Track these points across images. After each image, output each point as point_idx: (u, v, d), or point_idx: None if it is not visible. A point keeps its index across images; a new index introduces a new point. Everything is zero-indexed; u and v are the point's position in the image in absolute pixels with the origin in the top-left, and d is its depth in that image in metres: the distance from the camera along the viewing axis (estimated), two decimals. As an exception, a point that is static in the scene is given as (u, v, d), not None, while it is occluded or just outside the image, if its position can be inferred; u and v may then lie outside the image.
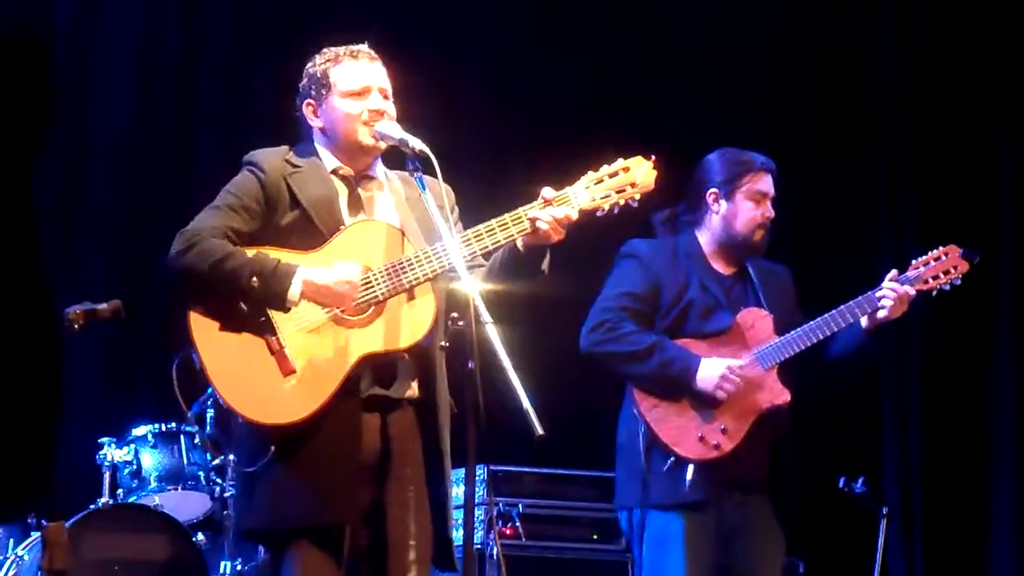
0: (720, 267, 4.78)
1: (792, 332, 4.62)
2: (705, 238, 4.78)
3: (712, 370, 4.54)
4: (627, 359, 4.61)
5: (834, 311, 4.62)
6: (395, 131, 3.79)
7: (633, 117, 7.06)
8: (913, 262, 4.69)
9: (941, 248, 4.69)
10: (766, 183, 4.74)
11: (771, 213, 4.73)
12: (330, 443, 3.64)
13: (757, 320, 4.68)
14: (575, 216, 3.72)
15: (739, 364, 4.56)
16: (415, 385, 3.81)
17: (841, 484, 5.64)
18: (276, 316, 3.68)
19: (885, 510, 5.67)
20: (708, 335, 4.65)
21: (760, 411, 4.58)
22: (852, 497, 5.66)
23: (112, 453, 5.83)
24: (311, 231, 3.76)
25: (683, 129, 6.77)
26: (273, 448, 3.65)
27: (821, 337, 4.61)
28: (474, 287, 3.47)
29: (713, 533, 4.56)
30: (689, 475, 4.52)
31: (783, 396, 4.61)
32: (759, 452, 4.60)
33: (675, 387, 4.58)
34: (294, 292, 3.63)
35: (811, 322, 4.62)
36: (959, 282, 4.68)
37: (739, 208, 4.73)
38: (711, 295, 4.69)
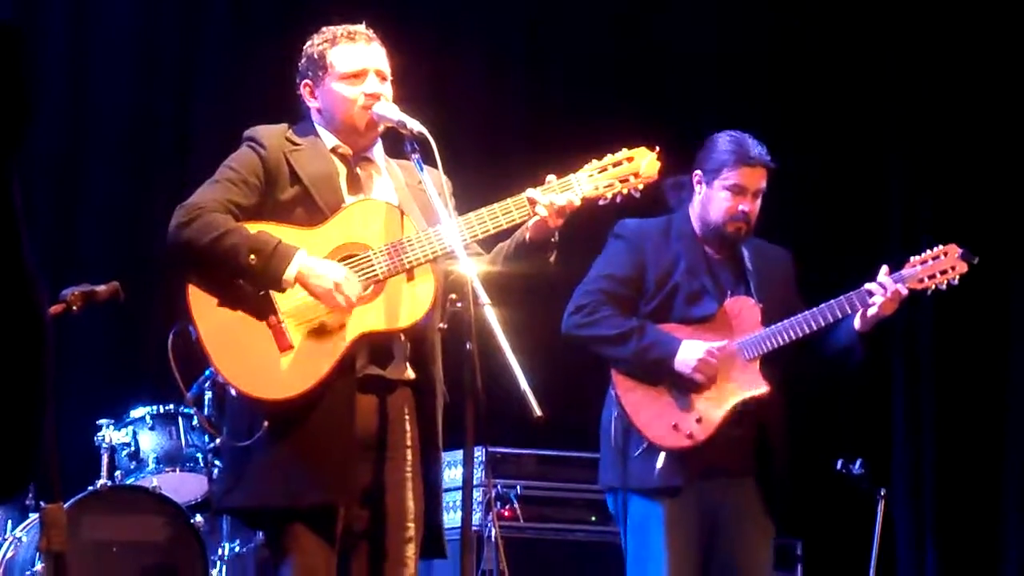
0: (711, 250, 4.68)
1: (776, 324, 4.52)
2: (693, 217, 4.70)
3: (691, 352, 4.47)
4: (605, 343, 4.56)
5: (822, 305, 4.51)
6: (393, 112, 3.77)
7: (633, 106, 7.04)
8: (911, 259, 4.58)
9: (940, 247, 4.57)
10: (748, 177, 4.57)
11: (748, 207, 4.58)
12: (325, 421, 3.62)
13: (744, 309, 4.60)
14: (577, 203, 3.70)
15: (719, 346, 4.49)
16: (411, 367, 3.78)
17: (839, 466, 5.62)
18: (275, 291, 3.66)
19: (883, 492, 5.66)
20: (693, 321, 4.58)
21: (736, 401, 4.50)
22: (849, 479, 5.65)
23: (110, 435, 5.82)
24: (311, 208, 3.74)
25: (689, 119, 6.75)
26: (266, 424, 3.62)
27: (807, 331, 4.50)
28: (472, 269, 3.47)
29: (696, 515, 4.51)
30: (659, 462, 4.47)
31: (761, 388, 4.51)
32: (740, 440, 4.52)
33: (654, 372, 4.52)
34: (290, 274, 3.61)
35: (797, 315, 4.52)
36: (956, 282, 4.56)
37: (715, 196, 4.61)
38: (698, 280, 4.60)
